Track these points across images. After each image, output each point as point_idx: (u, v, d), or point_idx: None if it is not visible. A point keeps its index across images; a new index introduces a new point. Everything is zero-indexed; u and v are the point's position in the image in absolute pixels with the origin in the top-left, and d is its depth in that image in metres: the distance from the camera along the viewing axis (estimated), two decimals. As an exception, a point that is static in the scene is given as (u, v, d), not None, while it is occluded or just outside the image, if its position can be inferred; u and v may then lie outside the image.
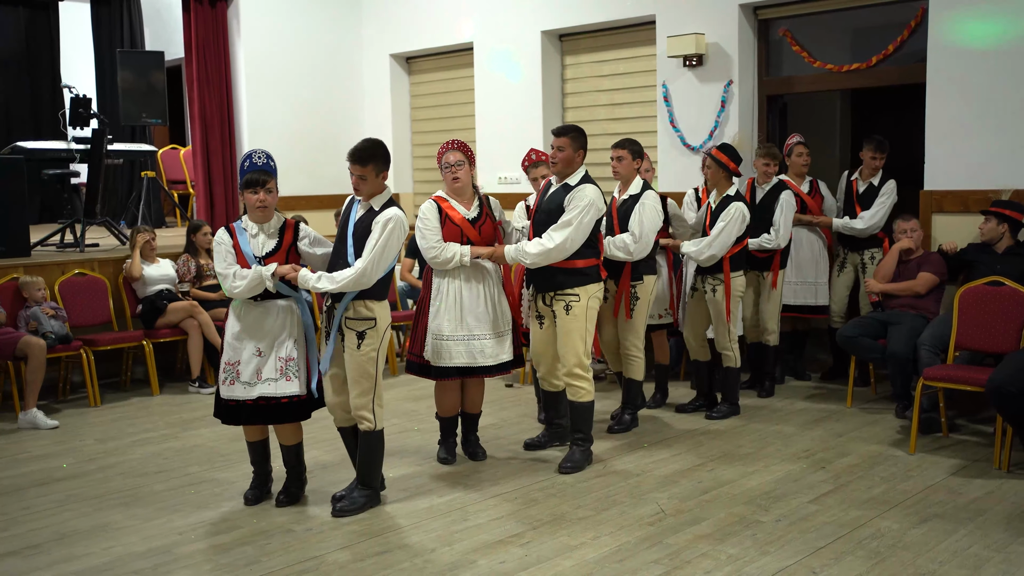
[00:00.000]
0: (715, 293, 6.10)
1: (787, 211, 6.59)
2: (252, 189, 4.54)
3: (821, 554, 4.04)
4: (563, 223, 5.01)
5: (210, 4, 9.71)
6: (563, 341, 5.14)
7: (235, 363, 4.58)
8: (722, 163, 6.12)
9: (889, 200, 6.78)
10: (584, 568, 3.95)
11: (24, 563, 4.15)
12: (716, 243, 5.97)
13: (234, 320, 4.62)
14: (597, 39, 8.82)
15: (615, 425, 5.99)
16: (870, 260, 6.87)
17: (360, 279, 4.39)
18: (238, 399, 4.57)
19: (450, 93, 10.17)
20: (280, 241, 4.63)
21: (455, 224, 5.13)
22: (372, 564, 4.04)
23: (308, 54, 10.23)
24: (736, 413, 6.29)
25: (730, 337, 6.17)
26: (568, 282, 5.08)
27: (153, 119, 9.55)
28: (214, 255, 4.64)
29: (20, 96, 12.00)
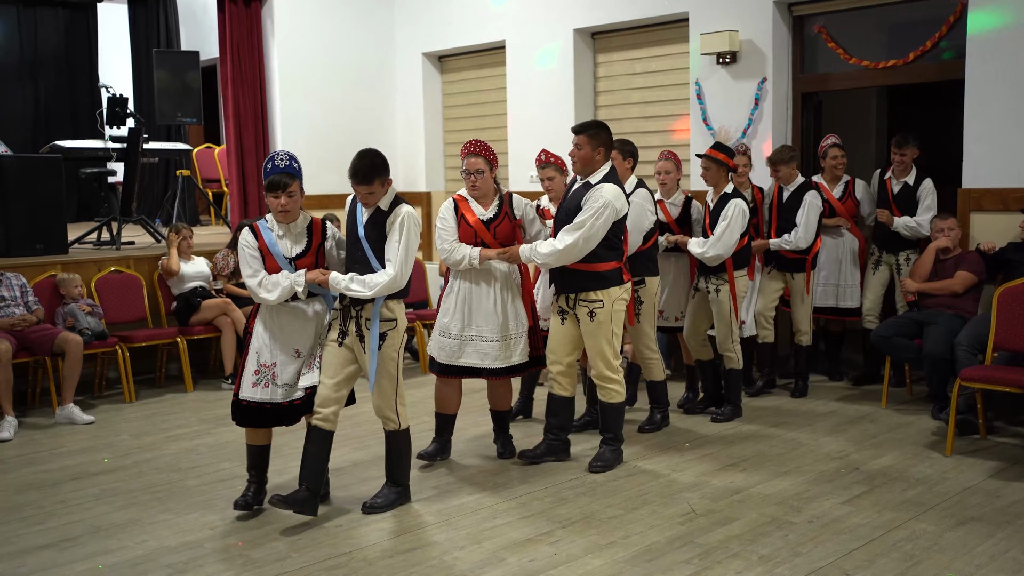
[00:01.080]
0: (718, 293, 6.01)
1: (810, 211, 6.53)
2: (274, 193, 4.43)
3: (854, 556, 3.99)
4: (576, 224, 4.92)
5: (244, 4, 9.79)
6: (590, 347, 5.10)
7: (271, 365, 4.49)
8: (721, 161, 6.02)
9: (934, 202, 6.69)
10: (614, 567, 3.93)
11: (60, 555, 4.20)
12: (720, 242, 5.87)
13: (265, 323, 4.54)
14: (629, 37, 8.78)
15: (646, 425, 5.96)
16: (905, 261, 6.78)
17: (394, 284, 4.39)
18: (273, 401, 4.49)
19: (482, 92, 10.17)
20: (309, 241, 4.56)
21: (469, 225, 5.12)
22: (402, 560, 4.05)
23: (341, 53, 10.28)
24: (739, 415, 6.21)
25: (733, 338, 6.08)
26: (590, 286, 5.01)
27: (188, 118, 9.65)
28: (240, 258, 4.53)
29: (59, 96, 12.17)
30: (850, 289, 7.02)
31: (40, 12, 12.04)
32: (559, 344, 5.20)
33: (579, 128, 5.12)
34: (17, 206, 7.55)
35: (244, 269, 4.48)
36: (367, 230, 4.47)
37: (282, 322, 4.52)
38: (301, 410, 4.58)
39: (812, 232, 6.54)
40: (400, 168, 10.69)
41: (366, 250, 4.45)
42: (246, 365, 4.54)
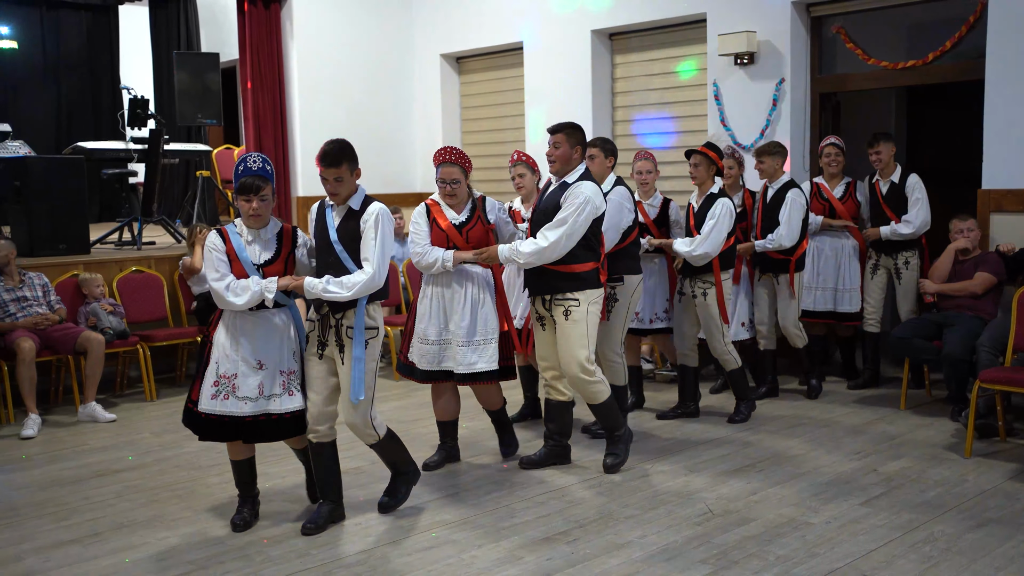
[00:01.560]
0: (706, 297, 5.94)
1: (792, 209, 6.45)
2: (245, 196, 4.24)
3: (872, 557, 4.00)
4: (558, 221, 4.85)
5: (264, 6, 9.86)
6: (563, 348, 4.98)
7: (231, 376, 4.26)
8: (711, 159, 5.99)
9: (923, 195, 6.64)
10: (631, 566, 3.95)
11: (84, 550, 4.26)
12: (708, 241, 5.80)
13: (228, 331, 4.32)
14: (647, 38, 8.79)
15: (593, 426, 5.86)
16: (904, 264, 6.71)
17: (372, 283, 4.24)
18: (232, 414, 4.26)
19: (500, 93, 10.20)
20: (279, 248, 4.36)
21: (441, 230, 5.04)
22: (419, 559, 4.09)
23: (360, 54, 10.33)
24: (754, 409, 6.22)
25: (724, 340, 6.01)
26: (566, 287, 4.94)
27: (208, 119, 9.71)
28: (204, 261, 4.34)
29: (81, 97, 12.28)
30: (849, 293, 6.91)
31: (63, 14, 12.15)
32: (548, 350, 5.12)
33: (557, 127, 5.09)
34: (40, 206, 7.64)
35: (210, 272, 4.28)
36: (340, 232, 4.32)
37: (245, 331, 4.30)
38: (273, 430, 4.36)
39: (796, 230, 6.45)
40: (419, 169, 10.74)
41: (339, 253, 4.29)
42: (205, 375, 4.32)
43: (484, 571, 3.94)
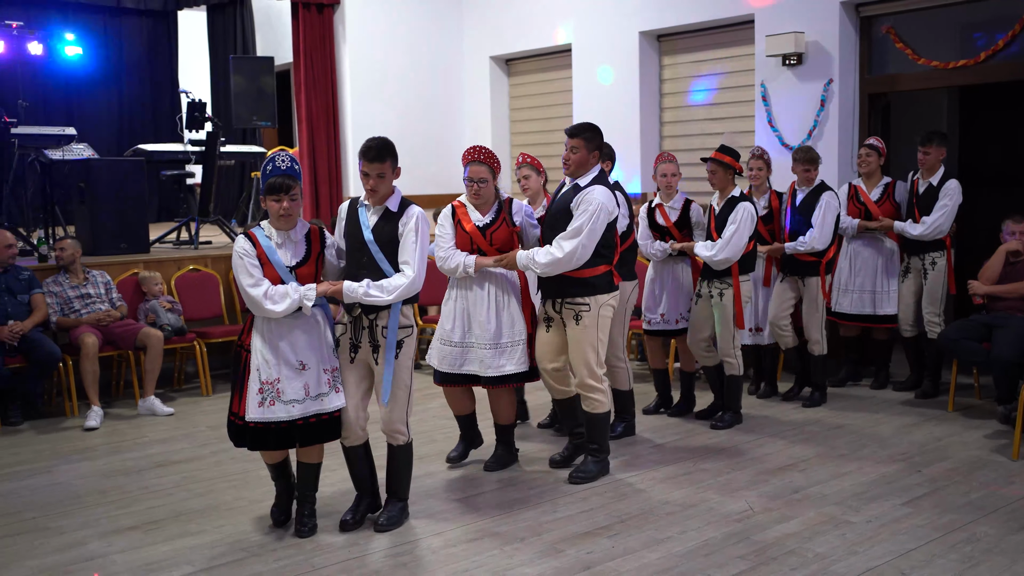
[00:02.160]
0: (722, 298, 5.92)
1: (826, 212, 6.40)
2: (275, 196, 4.15)
3: (912, 556, 4.02)
4: (573, 231, 4.79)
5: (317, 10, 10.07)
6: (574, 352, 4.95)
7: (274, 381, 4.16)
8: (727, 164, 5.97)
9: (952, 202, 6.49)
10: (670, 561, 4.02)
11: (144, 537, 4.45)
12: (729, 246, 5.80)
13: (264, 336, 4.21)
14: (695, 39, 8.82)
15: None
16: (931, 266, 6.60)
17: (412, 287, 4.22)
18: (280, 420, 4.18)
19: (548, 94, 10.30)
20: (309, 249, 4.28)
21: (465, 232, 5.02)
22: (463, 550, 4.20)
23: (411, 57, 10.50)
24: (739, 422, 6.14)
25: (734, 344, 5.99)
26: (577, 291, 4.89)
27: (263, 122, 9.94)
28: (236, 268, 4.18)
29: (142, 101, 12.64)
30: (887, 295, 6.83)
31: (125, 21, 12.53)
32: (543, 351, 5.08)
33: (575, 130, 5.03)
34: (103, 207, 7.91)
35: (244, 279, 4.13)
36: (376, 233, 4.27)
37: (282, 334, 4.19)
38: (324, 430, 4.31)
39: (828, 233, 6.41)
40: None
41: (375, 255, 4.24)
42: (248, 385, 4.20)
43: (526, 563, 4.05)
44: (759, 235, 6.53)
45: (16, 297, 6.70)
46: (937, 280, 6.62)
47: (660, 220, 6.29)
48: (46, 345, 6.59)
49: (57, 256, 7.09)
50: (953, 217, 6.57)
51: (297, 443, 4.27)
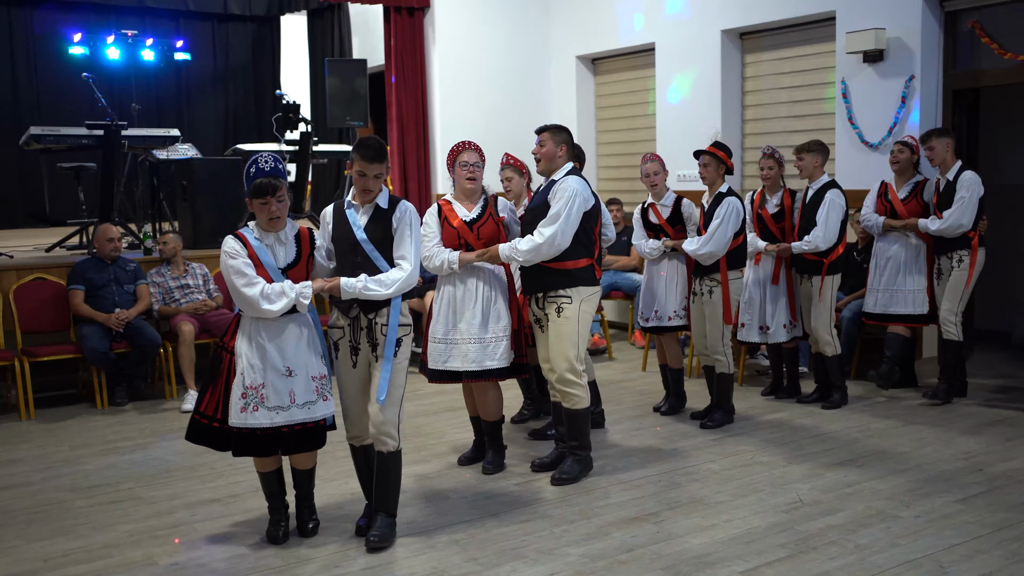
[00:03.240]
0: (711, 295, 5.96)
1: (831, 210, 6.29)
2: (263, 199, 4.03)
3: (954, 551, 4.05)
4: (551, 217, 4.80)
5: (408, 14, 10.42)
6: (553, 345, 4.90)
7: (258, 387, 4.03)
8: (721, 159, 5.99)
9: (969, 194, 6.29)
10: (710, 547, 4.16)
11: (225, 508, 4.83)
12: (712, 240, 5.83)
13: (250, 339, 4.09)
14: (777, 37, 8.81)
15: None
16: (958, 263, 6.40)
17: (410, 280, 4.16)
18: (262, 427, 4.05)
19: (633, 93, 10.42)
20: (299, 250, 4.17)
21: (452, 227, 5.00)
22: (517, 529, 4.42)
23: (498, 58, 10.74)
24: (731, 421, 6.10)
25: (723, 341, 5.98)
26: (558, 283, 4.88)
27: (356, 122, 10.35)
28: (228, 268, 4.03)
29: (246, 103, 13.29)
30: (910, 295, 6.59)
31: (231, 27, 13.20)
32: (543, 354, 5.04)
33: (541, 128, 5.09)
34: (203, 203, 8.43)
35: (237, 279, 4.00)
36: (368, 231, 4.18)
37: (270, 337, 4.07)
38: (306, 440, 4.21)
39: (833, 232, 6.28)
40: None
41: (369, 253, 4.16)
42: (232, 389, 4.09)
43: (572, 543, 4.24)
44: (770, 233, 6.55)
45: (123, 287, 7.23)
46: (961, 278, 6.38)
47: (653, 219, 6.33)
48: (148, 332, 7.09)
49: (160, 249, 7.61)
50: (973, 210, 6.33)
51: (281, 451, 4.18)
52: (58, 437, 6.27)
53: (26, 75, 11.90)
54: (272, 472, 4.34)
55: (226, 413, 4.11)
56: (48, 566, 4.15)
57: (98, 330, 6.96)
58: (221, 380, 4.18)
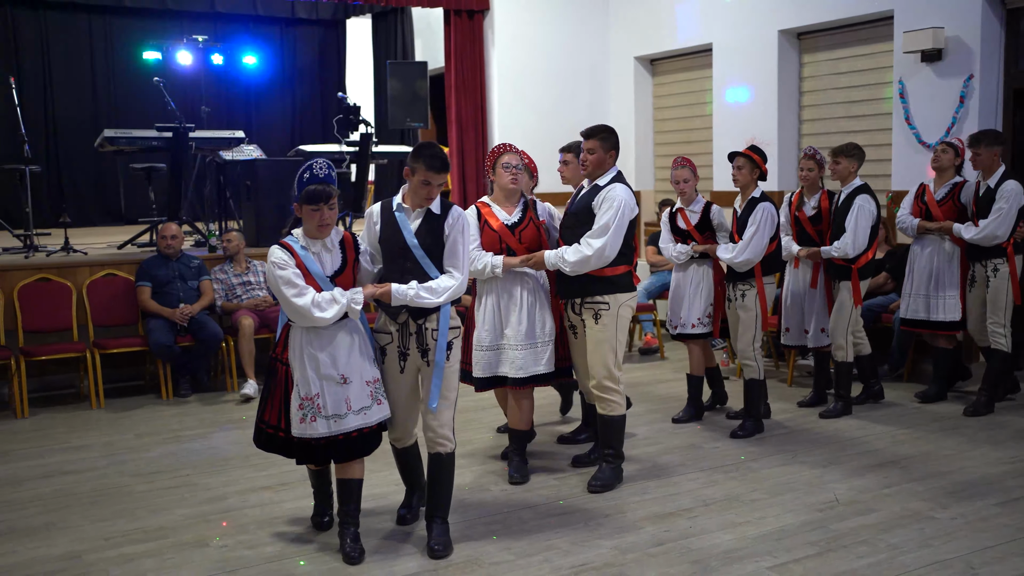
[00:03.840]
0: (743, 299, 5.88)
1: (859, 216, 6.14)
2: (315, 205, 3.94)
3: (986, 553, 4.05)
4: (600, 229, 4.77)
5: (468, 16, 10.60)
6: (592, 352, 4.89)
7: (313, 397, 4.01)
8: (756, 162, 5.90)
9: (1008, 205, 6.14)
10: (740, 543, 4.22)
11: (274, 496, 5.04)
12: (749, 248, 5.76)
13: (301, 349, 4.04)
14: (835, 37, 8.75)
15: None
16: (992, 273, 6.26)
17: (460, 288, 4.16)
18: (321, 436, 4.03)
19: (690, 93, 10.43)
20: (344, 257, 4.11)
21: (493, 231, 4.95)
22: (553, 521, 4.53)
23: (556, 59, 10.84)
24: (760, 430, 5.96)
25: (755, 346, 5.89)
26: (596, 289, 4.86)
27: (416, 123, 10.55)
28: (276, 278, 3.94)
29: (312, 105, 13.61)
30: (943, 300, 6.49)
31: (299, 30, 13.53)
32: (583, 357, 5.03)
33: (591, 132, 5.01)
34: (266, 203, 8.70)
35: (286, 290, 3.91)
36: (420, 237, 4.14)
37: (323, 346, 4.03)
38: (362, 445, 4.16)
39: (862, 238, 6.15)
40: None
41: (420, 259, 4.12)
42: (291, 400, 4.08)
43: (605, 536, 4.34)
44: (808, 236, 6.47)
45: (187, 283, 7.53)
46: (1000, 288, 6.23)
47: (681, 224, 6.27)
48: (211, 326, 7.37)
49: (224, 247, 7.90)
50: (1011, 221, 6.18)
51: (335, 459, 4.15)
52: (124, 426, 6.57)
53: (104, 80, 12.39)
54: (321, 470, 4.48)
55: (288, 423, 4.11)
56: (107, 544, 4.40)
57: (163, 324, 7.26)
58: (279, 391, 4.16)
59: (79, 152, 11.91)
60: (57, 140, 12.04)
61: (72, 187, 12.16)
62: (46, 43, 12.00)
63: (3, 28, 11.70)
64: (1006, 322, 6.29)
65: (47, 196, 11.62)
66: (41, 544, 4.42)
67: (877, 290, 7.42)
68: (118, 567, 4.15)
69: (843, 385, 6.36)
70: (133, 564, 4.18)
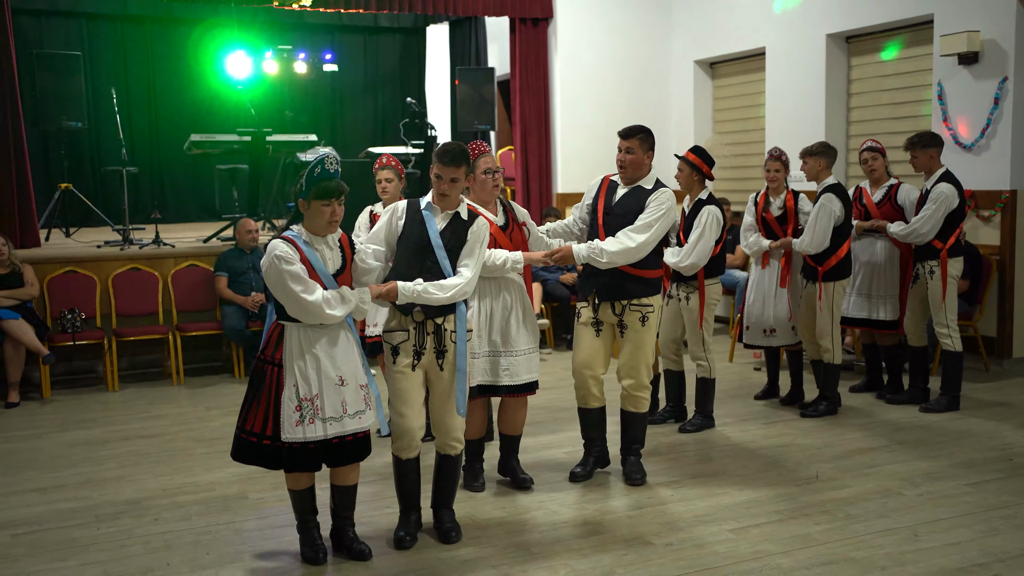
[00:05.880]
0: (688, 301, 5.94)
1: (819, 214, 6.23)
2: (325, 201, 3.90)
3: (936, 524, 4.37)
4: (645, 224, 4.83)
5: (533, 24, 11.13)
6: (635, 353, 4.95)
7: (312, 398, 3.92)
8: (695, 165, 5.92)
9: (936, 208, 6.28)
10: (714, 510, 4.64)
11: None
12: (695, 252, 5.76)
13: (303, 349, 3.93)
14: (880, 40, 8.95)
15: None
16: (929, 274, 6.38)
17: (466, 289, 4.20)
18: (319, 439, 3.93)
19: (747, 96, 10.72)
20: (343, 255, 4.06)
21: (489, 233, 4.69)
22: (549, 498, 5.03)
23: (618, 63, 11.25)
24: (710, 426, 6.09)
25: (704, 347, 5.97)
26: (641, 292, 4.91)
27: (483, 126, 11.16)
28: (282, 274, 3.82)
29: (393, 109, 14.33)
30: (882, 300, 6.68)
31: (381, 38, 14.29)
32: (593, 358, 5.03)
33: (630, 131, 5.02)
34: (336, 201, 9.41)
35: (295, 286, 3.82)
36: (445, 238, 4.21)
37: (321, 346, 3.94)
38: (354, 450, 4.06)
39: (820, 236, 6.22)
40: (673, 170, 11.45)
41: (440, 260, 4.18)
42: (283, 402, 3.92)
43: (590, 501, 4.81)
44: (775, 236, 6.54)
45: (259, 273, 8.27)
46: (936, 290, 6.37)
47: None
48: (279, 313, 8.08)
49: (294, 241, 8.60)
50: (936, 222, 6.28)
51: (328, 463, 4.05)
52: (197, 400, 7.35)
53: (200, 87, 13.33)
54: (307, 489, 4.16)
55: (276, 429, 3.93)
56: (163, 494, 5.11)
57: (237, 310, 8.03)
58: (266, 395, 3.97)
59: (178, 154, 12.90)
60: (159, 143, 13.08)
61: (172, 186, 13.21)
62: (151, 54, 13.06)
63: (113, 41, 12.80)
64: (947, 322, 6.38)
65: (148, 194, 12.67)
66: (110, 492, 5.17)
67: None
68: (169, 512, 4.84)
69: (829, 387, 6.41)
70: (182, 510, 4.87)
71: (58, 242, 9.44)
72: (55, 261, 8.14)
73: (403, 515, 4.39)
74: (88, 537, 4.51)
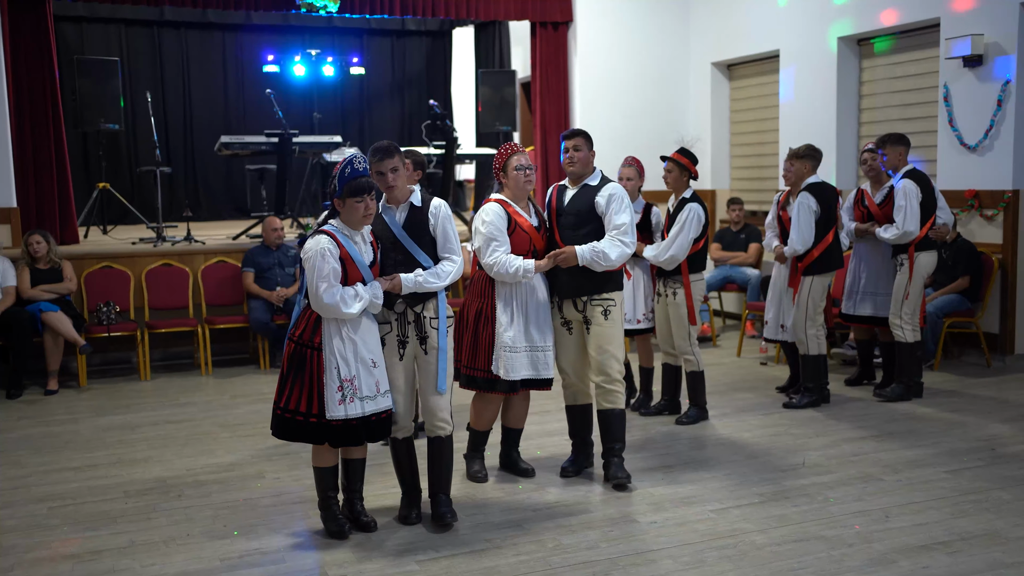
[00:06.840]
0: (675, 296, 6.11)
1: (800, 213, 6.41)
2: (358, 197, 4.19)
3: (909, 506, 4.60)
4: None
5: (553, 28, 11.41)
6: (605, 348, 4.96)
7: (351, 379, 4.25)
8: (684, 165, 6.13)
9: (908, 204, 6.51)
10: (699, 490, 4.91)
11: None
12: (674, 246, 5.96)
13: (338, 334, 4.24)
14: (891, 42, 9.13)
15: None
16: (899, 267, 6.67)
17: (459, 272, 4.46)
18: (360, 416, 4.27)
19: (762, 97, 10.92)
20: (374, 251, 4.39)
21: (525, 231, 4.92)
22: (565, 493, 5.32)
23: (637, 65, 11.49)
24: (704, 418, 6.25)
25: (690, 341, 6.12)
26: (605, 287, 4.98)
27: (504, 127, 11.48)
28: (317, 267, 4.15)
29: (420, 110, 14.66)
30: (885, 298, 6.84)
31: (408, 41, 14.65)
32: (578, 355, 5.11)
33: (573, 133, 5.10)
34: (359, 200, 9.76)
35: (320, 283, 4.15)
36: (408, 229, 4.43)
37: (357, 331, 4.28)
38: (383, 428, 4.41)
39: (805, 234, 6.40)
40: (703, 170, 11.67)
41: (411, 250, 4.41)
42: (326, 383, 4.24)
43: (581, 483, 5.09)
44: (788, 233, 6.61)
45: (285, 269, 8.66)
46: (901, 283, 6.61)
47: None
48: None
49: (318, 238, 8.96)
50: (917, 216, 6.49)
51: (367, 439, 4.37)
52: (224, 389, 7.73)
53: (233, 89, 13.82)
54: (331, 468, 4.47)
55: (321, 408, 4.25)
56: (188, 474, 5.47)
57: (262, 305, 8.41)
58: (307, 376, 4.27)
59: (212, 155, 13.35)
60: (194, 144, 13.54)
61: (206, 185, 13.67)
62: (186, 58, 13.52)
63: (150, 46, 13.28)
64: (902, 314, 6.63)
65: (184, 193, 13.13)
66: (139, 471, 5.55)
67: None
68: (192, 488, 5.21)
69: (810, 378, 6.55)
70: (204, 487, 5.23)
71: (96, 239, 9.91)
72: (92, 257, 8.59)
73: (404, 496, 4.68)
74: (117, 510, 4.89)
